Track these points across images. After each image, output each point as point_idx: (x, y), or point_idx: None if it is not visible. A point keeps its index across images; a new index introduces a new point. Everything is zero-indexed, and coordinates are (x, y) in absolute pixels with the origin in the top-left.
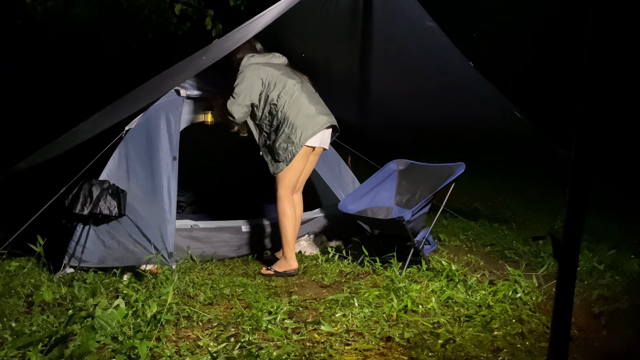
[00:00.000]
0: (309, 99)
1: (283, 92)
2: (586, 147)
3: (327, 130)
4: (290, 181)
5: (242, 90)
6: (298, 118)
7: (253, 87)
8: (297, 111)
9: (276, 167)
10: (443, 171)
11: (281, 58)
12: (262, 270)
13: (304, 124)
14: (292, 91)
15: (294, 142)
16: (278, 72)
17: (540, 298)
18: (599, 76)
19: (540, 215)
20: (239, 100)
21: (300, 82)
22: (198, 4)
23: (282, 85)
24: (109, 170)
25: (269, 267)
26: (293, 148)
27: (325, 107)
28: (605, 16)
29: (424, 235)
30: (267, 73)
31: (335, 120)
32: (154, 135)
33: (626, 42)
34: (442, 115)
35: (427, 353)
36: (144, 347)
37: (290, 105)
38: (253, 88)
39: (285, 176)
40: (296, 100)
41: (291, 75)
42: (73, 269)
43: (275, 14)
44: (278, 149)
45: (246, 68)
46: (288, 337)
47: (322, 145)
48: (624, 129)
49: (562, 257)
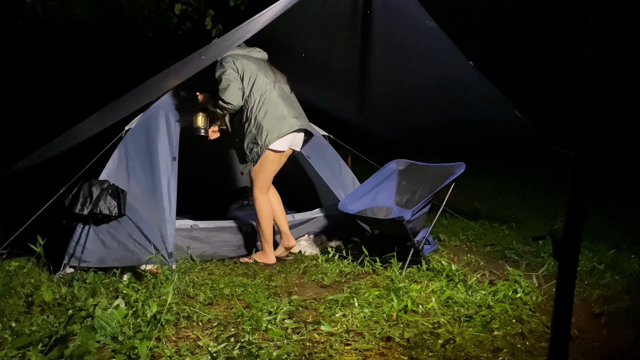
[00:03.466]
0: (281, 99)
1: (254, 89)
2: (586, 147)
3: (297, 134)
4: (265, 182)
5: (229, 75)
6: (265, 119)
7: (236, 73)
8: (265, 112)
9: (244, 167)
10: (443, 171)
11: (261, 53)
12: (241, 260)
13: (270, 125)
14: (263, 89)
15: (259, 143)
16: (255, 66)
17: (540, 298)
18: (599, 76)
19: (540, 215)
20: (232, 85)
21: (274, 82)
22: (198, 4)
23: (255, 82)
24: (109, 170)
25: (249, 256)
26: (258, 150)
27: (297, 109)
28: (605, 16)
29: (424, 235)
30: (244, 65)
31: (309, 123)
32: (154, 135)
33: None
34: (442, 115)
35: (427, 353)
36: (144, 347)
37: (259, 104)
38: (236, 74)
39: (259, 177)
40: (266, 100)
41: (267, 73)
42: (73, 269)
43: (275, 14)
44: (245, 149)
45: (225, 57)
46: (288, 337)
47: (293, 148)
48: (624, 129)
49: (562, 257)
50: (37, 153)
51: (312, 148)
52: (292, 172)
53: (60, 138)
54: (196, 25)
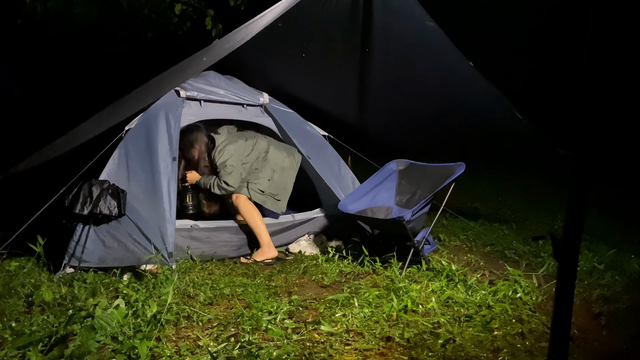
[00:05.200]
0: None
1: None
2: (586, 147)
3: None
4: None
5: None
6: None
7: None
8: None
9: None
10: (443, 171)
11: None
12: (241, 260)
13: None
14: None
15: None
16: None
17: (540, 298)
18: (599, 76)
19: (540, 215)
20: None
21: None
22: (198, 4)
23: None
24: (109, 170)
25: (249, 257)
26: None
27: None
28: (606, 16)
29: (424, 235)
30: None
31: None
32: (154, 135)
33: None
34: (442, 115)
35: (427, 353)
36: (144, 347)
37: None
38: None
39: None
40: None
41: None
42: (73, 269)
43: (276, 14)
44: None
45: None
46: (288, 337)
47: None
48: (624, 129)
49: (562, 257)
50: (38, 154)
51: (312, 148)
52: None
53: (61, 139)
54: (196, 25)
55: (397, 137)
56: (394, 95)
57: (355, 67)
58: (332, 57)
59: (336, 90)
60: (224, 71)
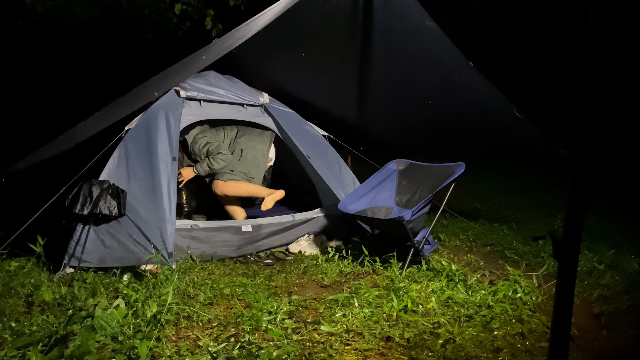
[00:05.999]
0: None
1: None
2: (586, 147)
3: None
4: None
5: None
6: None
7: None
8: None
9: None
10: (443, 171)
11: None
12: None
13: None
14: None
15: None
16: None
17: (540, 298)
18: (598, 76)
19: (540, 215)
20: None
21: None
22: (198, 4)
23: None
24: (109, 170)
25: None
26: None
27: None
28: (606, 16)
29: (424, 235)
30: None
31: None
32: (154, 135)
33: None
34: (442, 115)
35: (427, 353)
36: (144, 347)
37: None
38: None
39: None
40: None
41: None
42: (73, 269)
43: (275, 14)
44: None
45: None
46: (288, 337)
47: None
48: (624, 129)
49: (562, 257)
50: (37, 153)
51: (312, 148)
52: (292, 172)
53: (60, 138)
54: (196, 25)
55: (397, 137)
56: (394, 95)
57: (355, 66)
58: (332, 57)
59: (336, 90)
60: (224, 71)
